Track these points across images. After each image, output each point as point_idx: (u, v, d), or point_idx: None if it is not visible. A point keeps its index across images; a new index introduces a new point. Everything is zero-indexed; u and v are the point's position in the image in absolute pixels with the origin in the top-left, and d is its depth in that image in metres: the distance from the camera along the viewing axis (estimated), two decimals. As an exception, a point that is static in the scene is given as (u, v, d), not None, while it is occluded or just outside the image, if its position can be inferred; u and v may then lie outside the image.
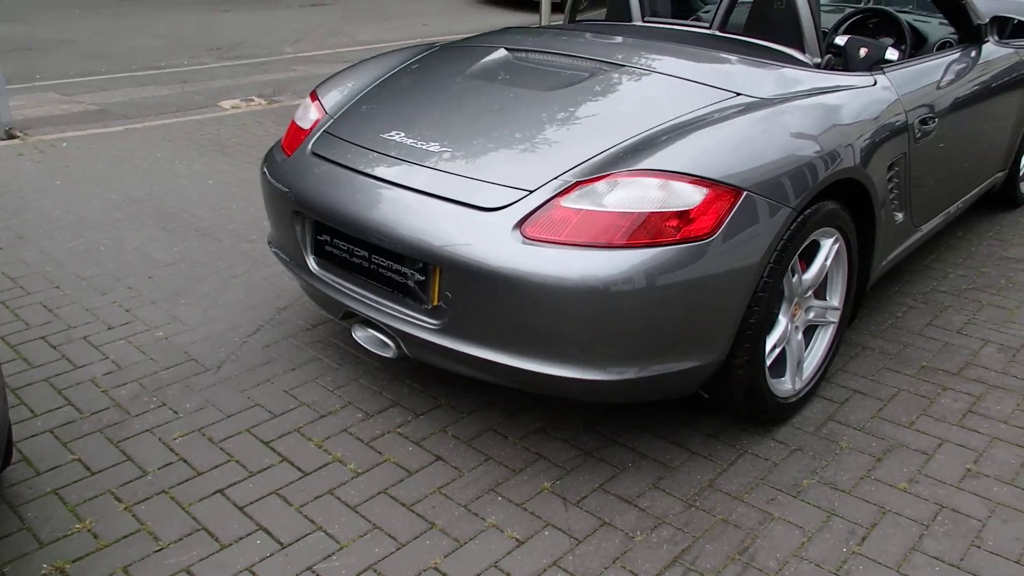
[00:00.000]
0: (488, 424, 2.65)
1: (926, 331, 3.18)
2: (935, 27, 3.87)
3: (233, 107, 6.51)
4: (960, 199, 3.63)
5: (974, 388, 2.83)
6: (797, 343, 2.62)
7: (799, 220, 2.37)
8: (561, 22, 3.72)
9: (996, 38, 3.50)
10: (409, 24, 11.38)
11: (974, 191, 3.77)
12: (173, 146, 5.50)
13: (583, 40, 3.02)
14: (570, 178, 2.24)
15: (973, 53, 3.53)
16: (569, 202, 2.18)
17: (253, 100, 6.67)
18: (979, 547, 2.15)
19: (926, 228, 3.33)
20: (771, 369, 2.56)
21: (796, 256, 2.44)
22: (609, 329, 2.15)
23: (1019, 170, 4.20)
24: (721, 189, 2.18)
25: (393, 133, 2.57)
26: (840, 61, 3.78)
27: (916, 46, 3.87)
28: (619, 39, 2.99)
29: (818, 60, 2.92)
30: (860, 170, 2.59)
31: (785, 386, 2.60)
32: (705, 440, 2.58)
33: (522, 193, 2.24)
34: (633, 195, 2.16)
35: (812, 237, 2.50)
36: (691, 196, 2.16)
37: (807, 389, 2.69)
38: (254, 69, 8.17)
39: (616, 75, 2.69)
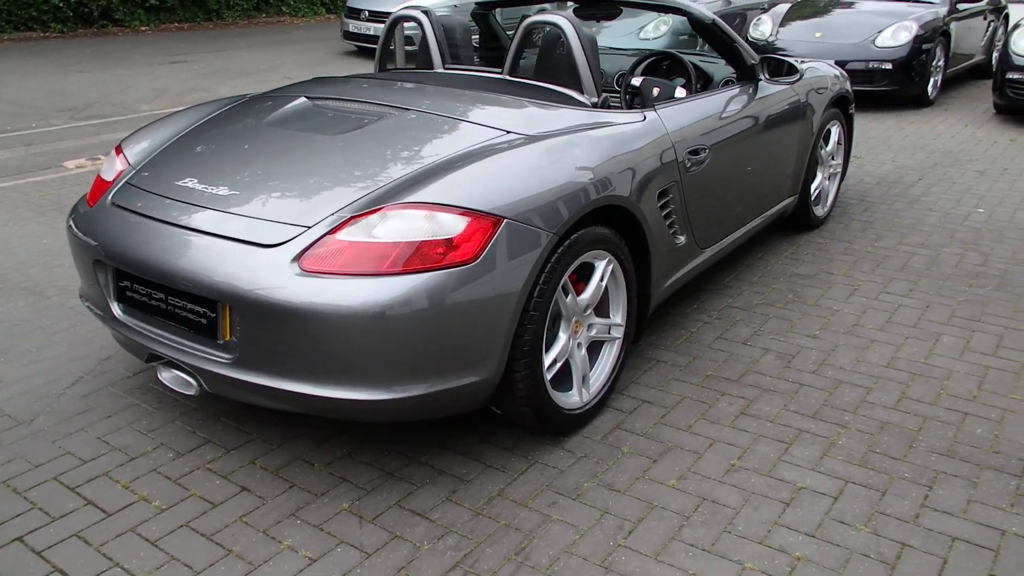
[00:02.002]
0: (297, 453, 2.77)
1: (716, 344, 3.47)
2: (722, 68, 4.24)
3: (78, 166, 6.47)
4: (749, 222, 3.97)
5: (749, 392, 3.10)
6: (581, 358, 2.84)
7: (564, 244, 2.60)
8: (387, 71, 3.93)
9: (766, 76, 3.89)
10: (271, 79, 11.46)
11: (764, 215, 4.12)
12: (10, 208, 5.44)
13: (380, 87, 3.22)
14: (345, 213, 2.41)
15: (750, 89, 3.90)
16: (343, 235, 2.35)
17: (100, 159, 6.64)
18: (730, 532, 2.39)
19: (713, 250, 3.64)
20: (557, 383, 2.77)
21: (566, 277, 2.66)
22: (387, 350, 2.31)
23: (810, 194, 4.59)
24: (482, 218, 2.39)
25: (187, 180, 2.70)
26: (637, 99, 4.11)
27: (703, 84, 4.23)
28: (414, 86, 3.21)
29: (595, 99, 3.20)
30: (626, 198, 2.85)
31: (572, 399, 2.82)
32: (500, 453, 2.76)
33: (300, 229, 2.40)
34: (401, 226, 2.34)
35: (583, 259, 2.74)
36: (454, 225, 2.36)
37: (596, 401, 2.91)
38: (105, 128, 8.11)
39: (400, 118, 2.89)
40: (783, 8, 9.16)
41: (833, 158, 4.85)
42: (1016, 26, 7.72)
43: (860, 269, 4.23)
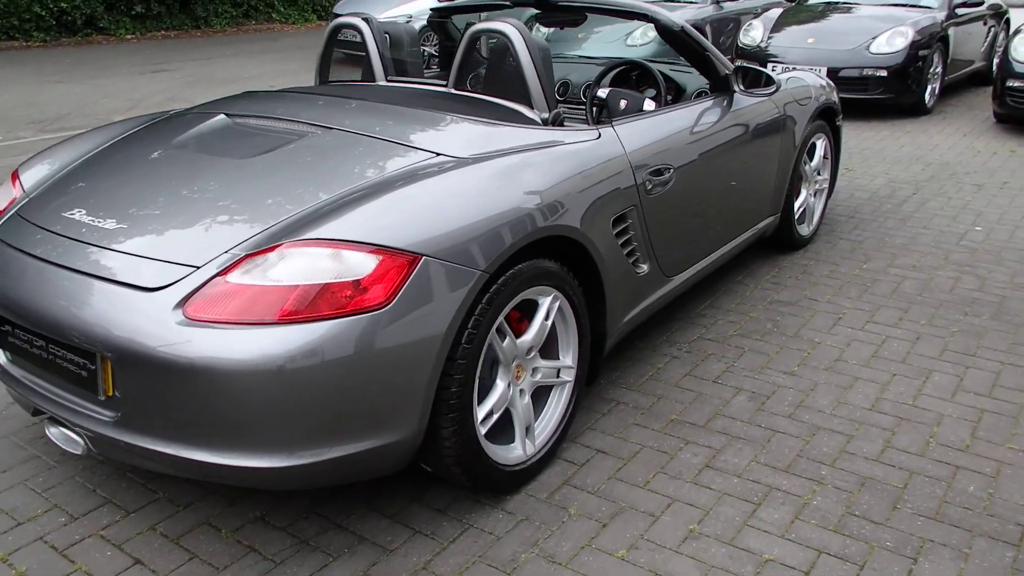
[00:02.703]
0: (204, 516, 2.46)
1: (683, 382, 3.16)
2: (697, 78, 3.94)
3: (31, 182, 6.16)
4: (724, 246, 3.66)
5: (716, 440, 2.79)
6: (524, 407, 2.53)
7: (498, 282, 2.29)
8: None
9: (741, 87, 3.57)
10: (253, 87, 11.17)
11: (741, 237, 3.81)
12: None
13: (307, 103, 2.92)
14: (239, 251, 2.11)
15: (724, 102, 3.59)
16: (235, 277, 2.05)
17: (56, 174, 6.32)
18: (683, 613, 2.07)
19: (682, 277, 3.33)
20: (497, 435, 2.46)
21: (501, 319, 2.36)
22: (287, 411, 2.01)
23: (793, 213, 4.28)
24: (396, 255, 2.08)
25: (75, 211, 2.40)
26: (604, 113, 3.81)
27: (675, 96, 3.93)
28: (343, 101, 2.91)
29: (546, 115, 2.90)
30: (574, 228, 2.55)
31: (515, 452, 2.51)
32: (432, 516, 2.45)
33: (188, 270, 2.09)
34: (302, 266, 2.04)
35: (524, 297, 2.43)
36: (363, 265, 2.05)
37: (543, 453, 2.60)
38: (70, 141, 7.80)
39: (319, 139, 2.59)
40: (775, 13, 8.85)
41: (819, 173, 4.54)
42: (1017, 31, 7.41)
43: (846, 295, 3.91)
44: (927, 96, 8.07)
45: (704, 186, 3.35)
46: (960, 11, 8.58)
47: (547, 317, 2.55)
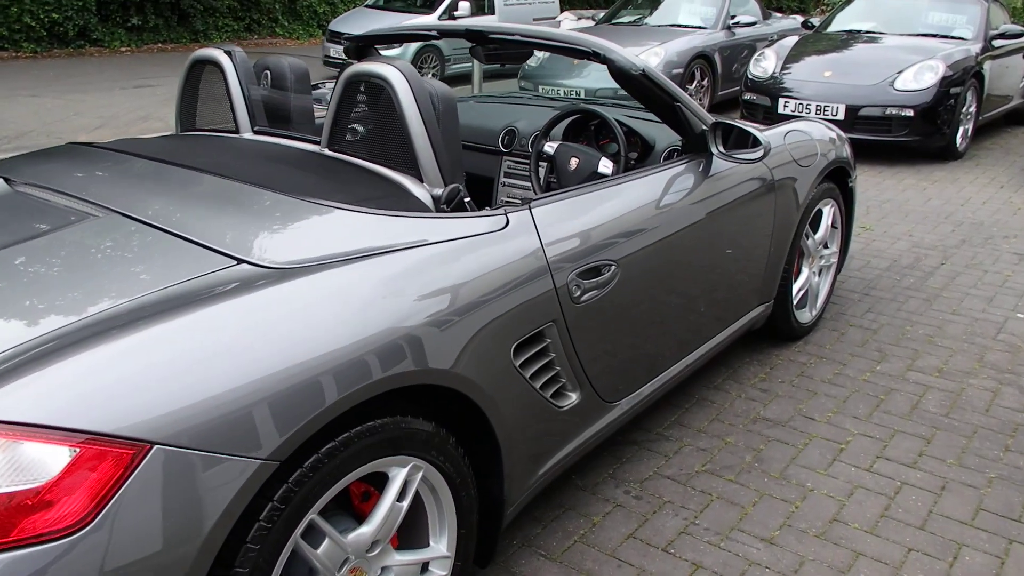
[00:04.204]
0: None
1: (622, 550, 2.34)
2: (669, 130, 3.11)
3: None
4: (695, 351, 2.86)
5: (654, 659, 1.97)
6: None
7: (303, 467, 1.51)
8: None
9: (720, 149, 2.75)
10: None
11: (720, 336, 3.01)
12: None
13: (116, 170, 2.15)
14: None
15: (700, 166, 2.79)
16: None
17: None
18: None
19: (631, 400, 2.53)
20: None
21: (314, 514, 1.57)
22: None
23: (791, 298, 3.46)
24: (106, 446, 1.30)
25: None
26: (553, 176, 3.02)
27: (642, 154, 3.12)
28: (167, 169, 2.13)
29: (439, 192, 2.12)
30: (445, 371, 1.76)
31: None
32: None
33: None
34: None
35: (362, 472, 1.65)
36: (47, 462, 1.27)
37: None
38: (6, 166, 7.11)
39: (92, 227, 1.83)
40: (791, 41, 8.03)
41: (826, 246, 3.71)
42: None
43: (852, 413, 3.08)
44: (958, 139, 7.21)
45: (665, 281, 2.55)
46: (997, 43, 7.73)
47: (401, 498, 1.76)
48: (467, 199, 2.22)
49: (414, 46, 11.51)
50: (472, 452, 1.98)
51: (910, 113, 6.82)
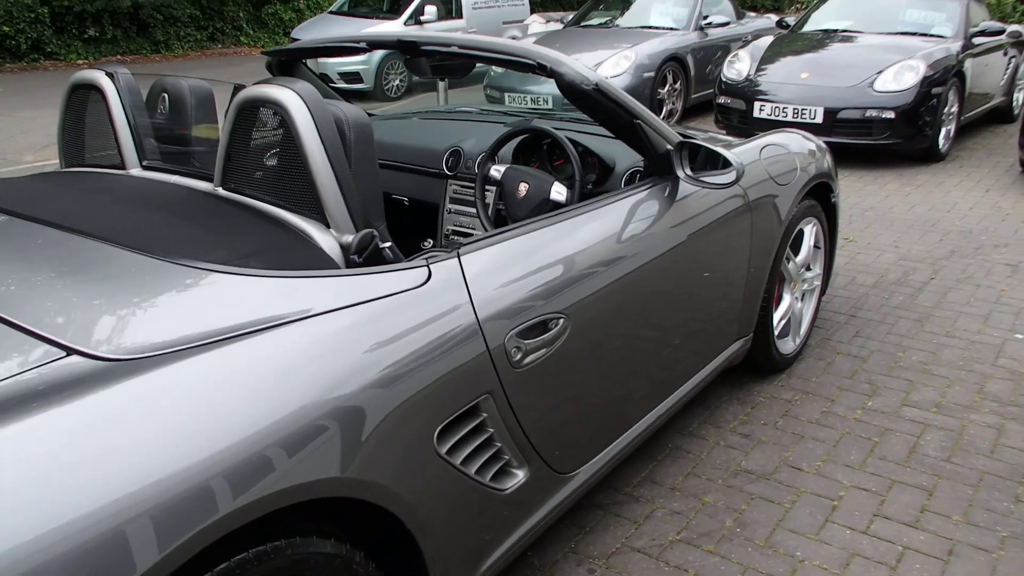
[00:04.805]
0: None
1: (583, 648, 2.00)
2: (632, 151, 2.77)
3: None
4: (665, 400, 2.52)
5: None
6: None
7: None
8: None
9: (687, 172, 2.42)
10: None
11: (694, 380, 2.68)
12: None
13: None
14: None
15: (666, 191, 2.46)
16: None
17: None
18: None
19: (593, 467, 2.20)
20: None
21: None
22: None
23: (772, 329, 3.13)
24: None
25: None
26: (501, 204, 2.68)
27: (601, 177, 2.78)
28: (15, 224, 1.77)
29: (348, 239, 1.78)
30: (343, 481, 1.41)
31: None
32: None
33: None
34: None
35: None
36: None
37: None
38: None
39: None
40: (765, 42, 7.73)
41: (808, 268, 3.39)
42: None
43: (844, 460, 2.75)
44: (941, 140, 6.93)
45: (624, 328, 2.21)
46: (977, 40, 7.46)
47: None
48: (386, 244, 1.88)
49: (379, 53, 11.13)
50: (392, 558, 1.63)
51: (891, 115, 6.54)
